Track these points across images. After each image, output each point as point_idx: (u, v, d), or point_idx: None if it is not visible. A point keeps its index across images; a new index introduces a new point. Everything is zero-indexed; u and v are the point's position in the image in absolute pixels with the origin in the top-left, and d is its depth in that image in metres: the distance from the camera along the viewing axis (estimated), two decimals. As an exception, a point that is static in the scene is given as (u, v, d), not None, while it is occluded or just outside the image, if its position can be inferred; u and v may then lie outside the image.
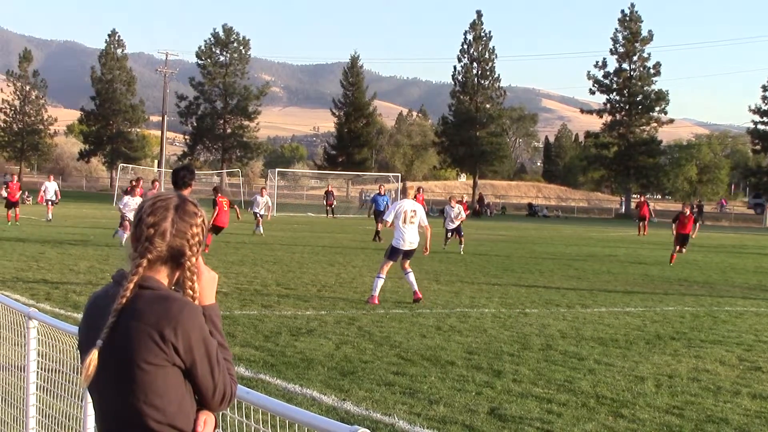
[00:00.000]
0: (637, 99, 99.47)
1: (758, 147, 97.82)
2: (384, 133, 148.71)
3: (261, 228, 36.45)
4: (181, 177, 9.57)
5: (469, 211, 35.66)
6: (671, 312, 17.28)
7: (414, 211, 17.52)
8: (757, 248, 43.80)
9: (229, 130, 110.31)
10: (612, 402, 9.42)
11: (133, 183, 32.16)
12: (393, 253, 17.46)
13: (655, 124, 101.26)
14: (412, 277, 17.48)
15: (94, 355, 3.14)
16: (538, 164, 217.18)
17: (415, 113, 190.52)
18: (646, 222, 52.46)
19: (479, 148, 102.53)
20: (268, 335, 12.59)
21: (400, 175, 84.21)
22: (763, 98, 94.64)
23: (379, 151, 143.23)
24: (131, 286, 3.20)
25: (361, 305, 16.44)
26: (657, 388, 10.17)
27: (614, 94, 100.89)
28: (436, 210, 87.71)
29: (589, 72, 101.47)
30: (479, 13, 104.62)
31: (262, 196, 39.12)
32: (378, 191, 28.92)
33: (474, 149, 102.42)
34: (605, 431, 8.33)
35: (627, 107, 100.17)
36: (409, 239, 17.42)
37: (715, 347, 13.19)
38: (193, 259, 3.33)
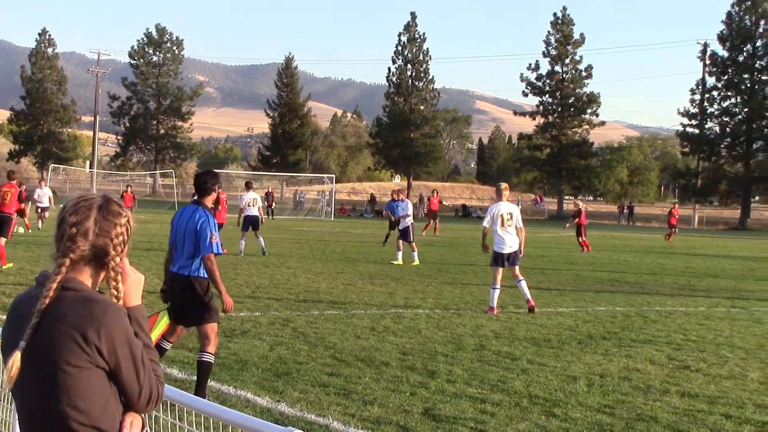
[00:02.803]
0: (569, 101, 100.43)
1: (687, 149, 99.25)
2: (318, 134, 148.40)
3: None
4: (204, 182, 9.41)
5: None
6: (603, 312, 17.48)
7: (510, 213, 16.97)
8: (686, 249, 44.45)
9: (162, 131, 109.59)
10: (545, 401, 9.50)
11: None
12: (496, 259, 17.02)
13: (587, 126, 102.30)
14: (524, 285, 17.03)
15: (16, 357, 3.10)
16: (472, 166, 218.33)
17: (349, 114, 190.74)
18: (675, 229, 53.34)
19: (413, 149, 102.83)
20: (202, 337, 12.51)
21: (334, 176, 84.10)
22: (691, 101, 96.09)
23: (313, 152, 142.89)
24: (54, 286, 3.16)
25: (296, 306, 16.39)
26: (589, 388, 10.27)
27: (547, 96, 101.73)
28: (371, 211, 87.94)
29: (522, 74, 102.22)
30: (413, 15, 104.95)
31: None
32: (392, 197, 28.54)
33: (408, 150, 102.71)
34: (538, 430, 8.39)
35: (559, 109, 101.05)
36: (509, 242, 16.94)
37: (646, 347, 13.36)
38: (117, 259, 3.30)
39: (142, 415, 3.31)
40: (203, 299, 9.13)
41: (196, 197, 9.52)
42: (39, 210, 38.60)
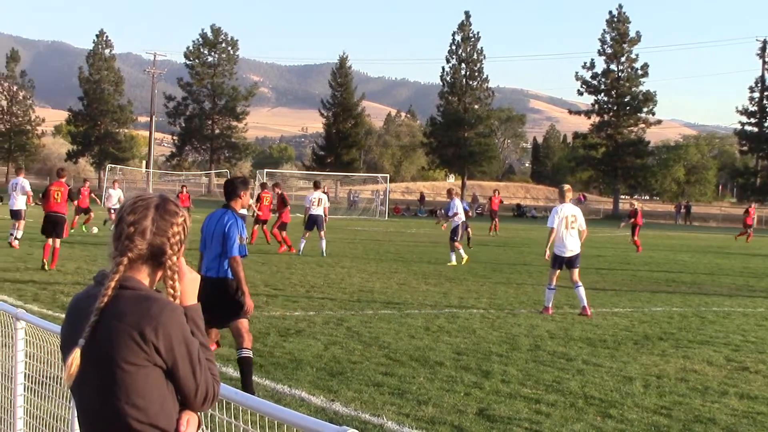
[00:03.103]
0: (625, 100, 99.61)
1: (745, 148, 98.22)
2: (372, 133, 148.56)
3: None
4: (233, 188, 9.75)
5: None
6: (659, 312, 17.32)
7: (574, 215, 16.78)
8: (744, 249, 43.91)
9: (217, 131, 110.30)
10: (600, 402, 9.43)
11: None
12: (555, 261, 16.85)
13: (643, 125, 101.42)
14: (581, 291, 16.66)
15: (76, 354, 3.13)
16: (527, 165, 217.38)
17: (403, 114, 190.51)
18: (751, 229, 52.70)
19: (468, 148, 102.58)
20: (257, 336, 12.56)
21: (388, 175, 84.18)
22: (750, 99, 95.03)
23: (367, 151, 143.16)
24: (112, 285, 3.19)
25: (350, 306, 16.43)
26: (645, 389, 10.19)
27: (602, 95, 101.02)
28: (425, 210, 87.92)
29: (577, 73, 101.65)
30: (467, 14, 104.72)
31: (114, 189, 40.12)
32: (454, 197, 28.20)
33: (462, 150, 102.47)
34: (594, 431, 8.34)
35: (615, 108, 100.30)
36: (570, 246, 16.74)
37: (703, 347, 13.22)
38: (174, 259, 3.33)
39: (198, 413, 3.34)
40: (232, 299, 9.31)
41: (225, 201, 9.83)
42: (110, 210, 38.97)
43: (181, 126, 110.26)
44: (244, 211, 26.14)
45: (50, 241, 20.81)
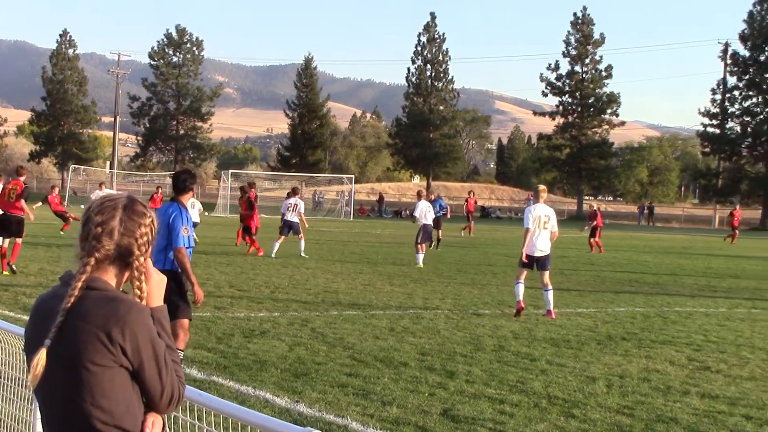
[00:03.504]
0: (589, 101, 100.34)
1: (707, 149, 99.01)
2: (338, 134, 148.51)
3: None
4: (182, 181, 9.75)
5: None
6: (622, 313, 17.44)
7: (548, 216, 16.69)
8: (706, 249, 44.31)
9: (182, 132, 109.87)
10: (564, 402, 9.48)
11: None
12: (526, 260, 16.66)
13: (607, 126, 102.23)
14: (550, 295, 16.53)
15: (41, 355, 3.11)
16: (491, 166, 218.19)
17: (368, 115, 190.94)
18: (737, 231, 53.00)
19: (433, 149, 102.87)
20: (221, 337, 12.55)
21: (353, 176, 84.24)
22: (712, 101, 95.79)
23: (332, 152, 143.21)
24: (79, 285, 3.18)
25: (315, 307, 16.42)
26: (608, 389, 10.25)
27: (567, 96, 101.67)
28: (390, 211, 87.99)
29: (541, 74, 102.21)
30: (433, 15, 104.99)
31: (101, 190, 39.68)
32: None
33: (427, 151, 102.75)
34: (557, 431, 8.39)
35: (579, 109, 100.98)
36: (540, 246, 16.54)
37: (665, 347, 13.33)
38: (142, 259, 3.32)
39: (163, 415, 3.33)
40: (176, 294, 9.33)
41: (174, 195, 9.99)
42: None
43: (146, 126, 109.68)
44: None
45: (6, 242, 20.24)
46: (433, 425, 8.33)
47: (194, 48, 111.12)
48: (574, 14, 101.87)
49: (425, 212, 27.81)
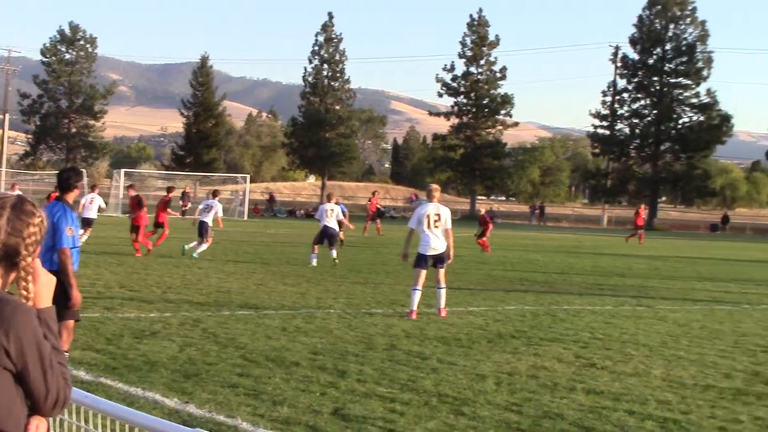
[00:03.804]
0: (484, 102, 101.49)
1: (597, 150, 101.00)
2: (233, 133, 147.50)
3: None
4: (66, 179, 9.57)
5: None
6: (512, 311, 17.69)
7: (438, 214, 16.52)
8: (594, 248, 45.19)
9: (74, 130, 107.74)
10: (454, 400, 9.58)
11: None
12: (419, 260, 16.54)
13: (501, 127, 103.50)
14: (443, 293, 16.60)
15: None
16: (386, 166, 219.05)
17: (264, 114, 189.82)
18: (642, 230, 53.73)
19: (328, 149, 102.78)
20: (110, 338, 12.38)
21: (248, 176, 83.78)
22: (603, 103, 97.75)
23: (228, 151, 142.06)
24: None
25: (206, 307, 16.30)
26: (497, 386, 10.40)
27: (462, 97, 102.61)
28: (284, 211, 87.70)
29: (437, 75, 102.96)
30: (330, 15, 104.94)
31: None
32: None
33: (323, 150, 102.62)
34: (447, 429, 8.47)
35: (474, 110, 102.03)
36: (433, 245, 16.42)
37: (554, 345, 13.57)
38: (29, 260, 3.27)
39: (48, 418, 3.29)
40: (63, 295, 9.20)
41: (59, 194, 9.88)
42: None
43: (36, 124, 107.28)
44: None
45: None
46: (324, 424, 8.35)
47: (88, 45, 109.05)
48: (470, 16, 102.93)
49: (327, 214, 27.74)
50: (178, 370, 10.51)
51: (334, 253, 27.46)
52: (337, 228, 28.13)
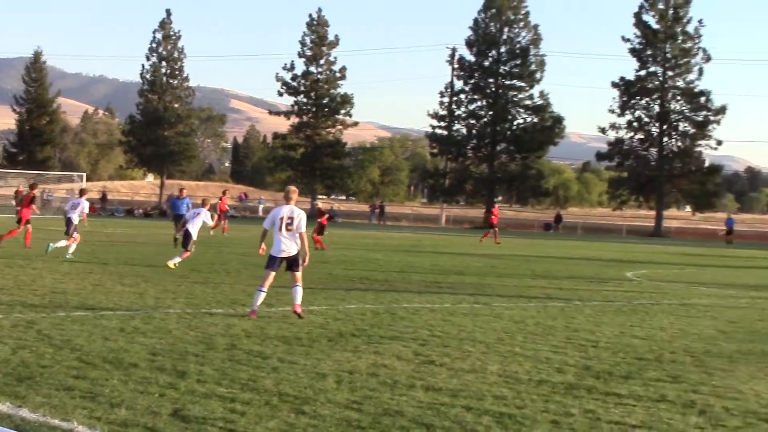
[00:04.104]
0: (324, 102, 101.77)
1: (436, 150, 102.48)
2: (68, 131, 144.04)
3: None
4: None
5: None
6: (353, 310, 17.80)
7: (291, 217, 16.38)
8: (433, 247, 45.84)
9: None
10: (294, 399, 9.59)
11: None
12: (269, 262, 16.46)
13: (341, 127, 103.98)
14: (298, 291, 16.38)
15: None
16: (227, 165, 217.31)
17: (101, 111, 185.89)
18: (496, 228, 54.32)
19: (167, 147, 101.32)
20: (-62, 342, 11.95)
21: (84, 174, 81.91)
22: (440, 104, 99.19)
23: (63, 149, 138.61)
24: None
25: (41, 308, 15.87)
26: (338, 384, 10.45)
27: (302, 96, 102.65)
28: (122, 210, 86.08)
29: (277, 74, 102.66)
30: (168, 12, 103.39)
31: None
32: (178, 194, 27.38)
33: (162, 149, 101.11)
34: (287, 428, 8.47)
35: (314, 109, 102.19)
36: (285, 248, 16.33)
37: (393, 343, 13.71)
38: None
39: None
40: None
41: None
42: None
43: None
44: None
45: None
46: (163, 426, 8.24)
47: None
48: (310, 15, 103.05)
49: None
50: (11, 373, 10.21)
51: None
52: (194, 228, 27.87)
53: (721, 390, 11.14)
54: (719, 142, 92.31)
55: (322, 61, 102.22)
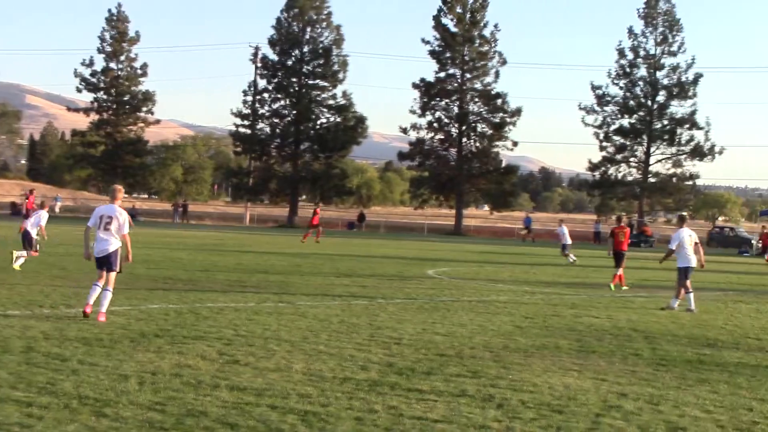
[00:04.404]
0: (125, 99, 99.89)
1: (240, 149, 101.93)
2: None
3: None
4: None
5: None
6: (156, 310, 17.54)
7: (111, 216, 16.10)
8: (238, 246, 45.60)
9: None
10: (95, 402, 9.40)
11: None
12: (96, 261, 16.24)
13: (142, 124, 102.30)
14: (106, 295, 16.00)
15: None
16: (23, 162, 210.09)
17: None
18: (319, 228, 54.03)
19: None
20: None
21: None
22: (244, 102, 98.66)
23: None
24: None
25: None
26: (140, 386, 10.30)
27: (102, 93, 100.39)
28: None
29: (76, 70, 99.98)
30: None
31: None
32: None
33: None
34: (88, 431, 8.31)
35: (114, 106, 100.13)
36: (101, 246, 16.06)
37: (197, 343, 13.60)
38: None
39: None
40: None
41: None
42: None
43: None
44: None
45: None
46: (-45, 433, 7.95)
47: None
48: (109, 11, 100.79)
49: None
50: None
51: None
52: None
53: (518, 384, 11.54)
54: (515, 143, 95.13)
55: (122, 58, 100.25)
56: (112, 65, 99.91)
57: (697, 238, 23.31)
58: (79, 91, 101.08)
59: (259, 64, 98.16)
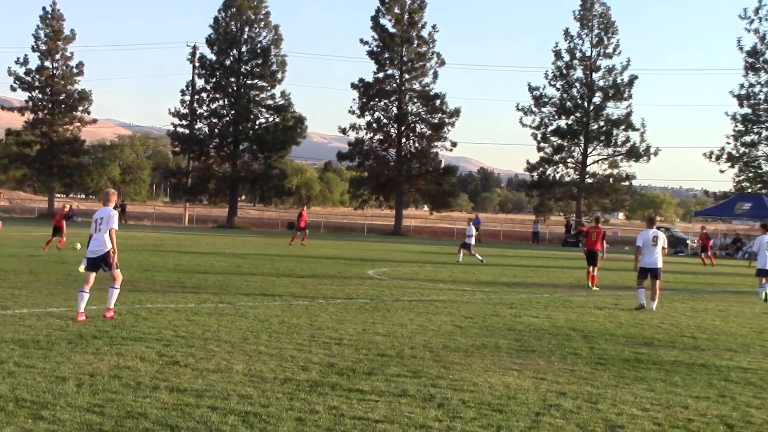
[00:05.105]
0: (60, 98, 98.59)
1: (178, 149, 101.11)
2: None
3: None
4: None
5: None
6: (94, 311, 17.30)
7: (101, 217, 16.51)
8: (177, 246, 45.29)
9: None
10: (32, 404, 9.30)
11: None
12: (87, 263, 16.82)
13: (79, 124, 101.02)
14: (83, 298, 16.29)
15: None
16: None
17: None
18: (306, 230, 53.28)
19: None
20: None
21: None
22: (182, 102, 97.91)
23: None
24: None
25: None
26: (78, 388, 10.20)
27: (37, 92, 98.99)
28: None
29: (9, 68, 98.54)
30: None
31: None
32: None
33: None
34: (25, 434, 8.22)
35: (50, 106, 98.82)
36: (93, 247, 16.52)
37: (137, 344, 13.49)
38: None
39: None
40: None
41: None
42: None
43: None
44: None
45: None
46: None
47: None
48: (44, 9, 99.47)
49: None
50: None
51: None
52: None
53: (458, 383, 11.60)
54: (454, 144, 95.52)
55: (57, 56, 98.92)
56: (47, 64, 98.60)
57: (665, 242, 23.62)
58: (13, 89, 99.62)
59: (197, 64, 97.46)
